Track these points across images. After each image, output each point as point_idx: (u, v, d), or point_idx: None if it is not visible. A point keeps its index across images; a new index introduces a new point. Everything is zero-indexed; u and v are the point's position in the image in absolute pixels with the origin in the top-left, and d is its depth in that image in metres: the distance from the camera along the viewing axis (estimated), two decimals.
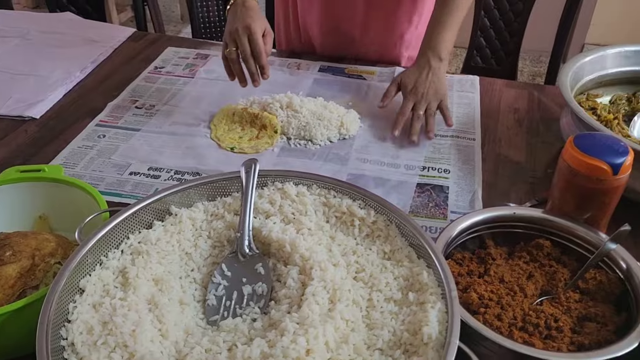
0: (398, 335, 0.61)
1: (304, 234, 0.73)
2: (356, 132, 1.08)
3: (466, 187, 0.96)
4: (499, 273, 0.73)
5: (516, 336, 0.64)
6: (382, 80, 1.25)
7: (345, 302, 0.64)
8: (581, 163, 0.73)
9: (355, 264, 0.70)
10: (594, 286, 0.71)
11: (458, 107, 1.17)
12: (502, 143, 1.08)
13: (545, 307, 0.69)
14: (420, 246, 0.70)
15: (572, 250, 0.76)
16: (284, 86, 1.20)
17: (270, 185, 0.79)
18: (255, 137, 1.06)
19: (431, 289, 0.64)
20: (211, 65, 1.30)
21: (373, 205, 0.75)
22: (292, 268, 0.69)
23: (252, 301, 0.68)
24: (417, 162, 1.01)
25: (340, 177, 0.97)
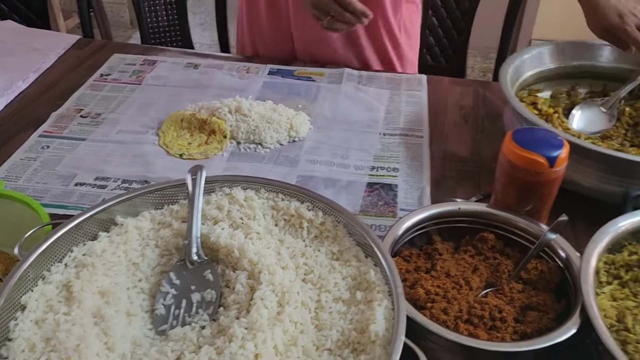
0: (346, 334, 0.62)
1: (253, 239, 0.73)
2: (306, 134, 1.09)
3: (414, 185, 0.98)
4: (445, 268, 0.75)
5: (462, 329, 0.66)
6: (332, 81, 1.26)
7: (294, 304, 0.65)
8: (519, 157, 0.75)
9: (304, 266, 0.71)
10: (535, 276, 0.73)
11: (406, 106, 1.18)
12: (449, 140, 1.10)
13: (490, 299, 0.71)
14: (367, 245, 0.71)
15: (515, 242, 0.79)
16: (233, 90, 1.19)
17: (218, 191, 0.79)
18: (205, 142, 1.05)
19: (378, 287, 0.65)
20: (159, 71, 1.29)
21: (321, 206, 0.76)
22: (241, 273, 0.69)
23: (201, 309, 0.68)
24: (366, 162, 1.03)
25: (290, 180, 0.97)
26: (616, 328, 0.65)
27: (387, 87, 1.24)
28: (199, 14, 3.63)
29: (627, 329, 0.65)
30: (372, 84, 1.25)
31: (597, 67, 1.13)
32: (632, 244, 0.77)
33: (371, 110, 1.16)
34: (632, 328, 0.65)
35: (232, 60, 1.35)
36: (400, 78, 1.28)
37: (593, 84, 1.15)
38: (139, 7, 1.86)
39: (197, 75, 1.27)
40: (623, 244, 0.77)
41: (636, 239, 0.77)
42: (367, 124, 1.12)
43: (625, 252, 0.76)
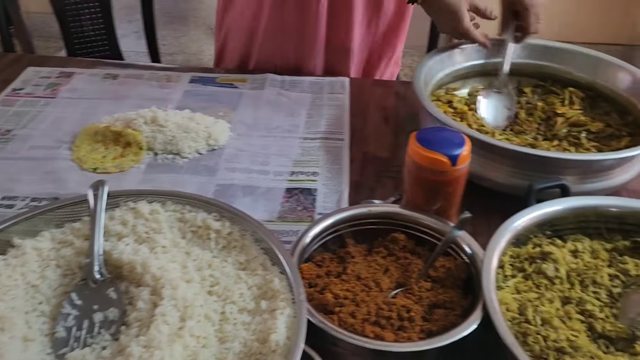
0: (249, 345, 0.61)
1: (158, 253, 0.71)
2: (226, 141, 1.08)
3: (334, 188, 0.98)
4: (356, 270, 0.75)
5: (368, 331, 0.66)
6: (254, 87, 1.25)
7: (197, 318, 0.63)
8: (423, 157, 0.76)
9: (210, 278, 0.69)
10: (443, 273, 0.74)
11: (328, 109, 1.19)
12: (370, 141, 1.11)
13: (399, 299, 0.71)
14: (273, 253, 0.70)
15: (426, 241, 0.79)
16: (152, 100, 1.16)
17: (123, 206, 0.77)
18: (120, 155, 1.03)
19: (282, 295, 0.65)
20: (75, 83, 1.25)
21: (228, 216, 0.75)
22: (144, 289, 0.67)
23: (103, 328, 0.66)
24: (285, 167, 1.02)
25: (208, 189, 0.96)
26: (518, 321, 0.67)
27: (309, 91, 1.24)
28: (135, 21, 3.54)
29: (527, 321, 0.67)
30: (294, 89, 1.25)
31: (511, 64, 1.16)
32: (537, 237, 0.79)
33: (292, 115, 1.16)
34: (532, 320, 0.67)
35: (154, 70, 1.32)
36: (323, 81, 1.28)
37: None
38: (62, 17, 1.81)
39: (115, 87, 1.24)
40: (529, 237, 0.79)
41: (541, 231, 0.79)
42: (288, 129, 1.12)
43: (530, 244, 0.78)
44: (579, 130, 1.05)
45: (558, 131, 1.05)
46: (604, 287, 0.72)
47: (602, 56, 1.12)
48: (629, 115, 1.06)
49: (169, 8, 4.04)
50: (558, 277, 0.73)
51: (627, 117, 1.06)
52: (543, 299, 0.70)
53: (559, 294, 0.71)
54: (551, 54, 1.15)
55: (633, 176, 0.94)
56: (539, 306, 0.68)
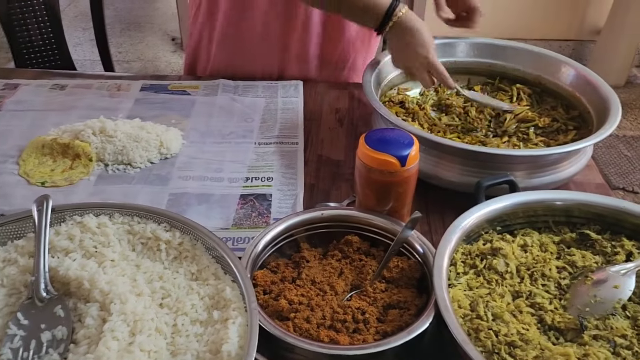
0: (202, 357, 0.60)
1: (106, 267, 0.69)
2: (179, 149, 1.06)
3: (289, 192, 0.97)
4: (311, 275, 0.74)
5: (323, 336, 0.66)
6: (207, 94, 1.23)
7: (148, 332, 0.62)
8: (372, 159, 0.76)
9: (161, 290, 0.68)
10: (397, 273, 0.75)
11: (282, 113, 1.18)
12: (324, 144, 1.11)
13: (354, 302, 0.71)
14: (225, 261, 0.69)
15: (380, 242, 0.80)
16: (102, 110, 1.14)
17: (69, 220, 0.75)
18: (69, 167, 1.00)
19: (234, 304, 0.64)
20: (21, 95, 1.21)
21: (178, 226, 0.74)
22: (92, 305, 0.65)
23: (51, 348, 0.64)
24: (240, 173, 1.01)
25: (161, 199, 0.95)
26: (469, 317, 0.68)
27: (263, 95, 1.24)
28: (89, 29, 3.47)
29: (479, 317, 0.67)
30: (247, 94, 1.24)
31: (459, 63, 1.18)
32: (488, 232, 0.80)
33: (246, 120, 1.15)
34: (484, 315, 0.68)
35: (103, 79, 1.30)
36: (277, 85, 1.27)
37: (458, 79, 1.19)
38: (9, 27, 1.75)
39: (63, 97, 1.20)
40: (480, 233, 0.80)
41: (492, 227, 0.80)
42: (242, 134, 1.11)
43: (481, 241, 0.79)
44: (527, 126, 1.07)
45: (507, 127, 1.07)
46: (552, 279, 0.74)
47: (547, 52, 1.15)
48: (574, 109, 1.09)
49: (124, 16, 3.98)
50: (508, 272, 0.74)
51: (572, 111, 1.09)
52: (494, 294, 0.71)
53: (510, 288, 0.72)
54: (499, 52, 1.17)
55: (579, 169, 0.97)
56: (490, 301, 0.70)
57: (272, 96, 1.24)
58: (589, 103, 1.05)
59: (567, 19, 3.36)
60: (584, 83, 1.07)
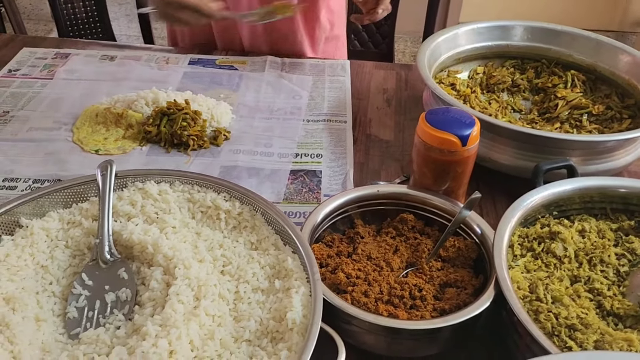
0: (265, 324, 0.61)
1: (168, 233, 0.71)
2: (228, 123, 1.07)
3: (338, 170, 0.98)
4: (367, 251, 0.75)
5: (382, 310, 0.66)
6: (254, 69, 1.24)
7: (211, 297, 0.63)
8: (433, 138, 0.76)
9: (222, 258, 0.69)
10: (453, 253, 0.75)
11: (330, 92, 1.18)
12: (372, 123, 1.10)
13: (410, 279, 0.71)
14: (285, 232, 0.70)
15: (434, 221, 0.80)
16: (152, 82, 1.15)
17: (131, 186, 0.76)
18: (122, 137, 1.01)
19: (296, 274, 0.65)
20: (72, 64, 1.23)
21: (238, 196, 0.75)
22: (156, 269, 0.66)
23: (116, 309, 0.65)
24: (290, 149, 1.02)
25: (212, 170, 0.95)
26: (529, 299, 0.68)
27: (310, 73, 1.24)
28: (125, 4, 3.51)
29: (539, 299, 0.67)
30: (295, 71, 1.24)
31: (511, 47, 1.16)
32: (544, 217, 0.79)
33: (294, 97, 1.15)
34: (543, 298, 0.67)
35: (152, 51, 1.31)
36: (324, 64, 1.27)
37: (510, 64, 1.18)
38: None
39: (113, 68, 1.22)
40: (536, 217, 0.79)
41: (548, 212, 0.80)
42: (290, 111, 1.11)
43: (538, 224, 0.78)
44: (580, 112, 1.05)
45: (559, 113, 1.05)
46: (611, 265, 0.73)
47: (603, 39, 1.12)
48: (629, 97, 1.07)
49: None
50: (567, 256, 0.73)
51: (627, 99, 1.07)
52: (553, 278, 0.71)
53: (568, 272, 0.72)
54: (554, 37, 1.15)
55: (635, 158, 0.95)
56: (549, 284, 0.69)
57: (319, 74, 1.23)
58: None
59: (609, 9, 3.28)
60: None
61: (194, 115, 1.01)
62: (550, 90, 1.11)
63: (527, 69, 1.16)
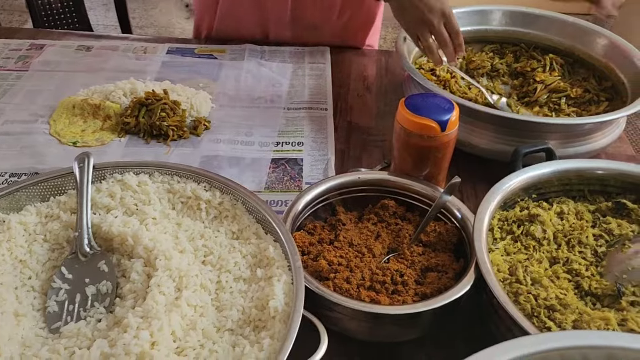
0: (247, 312, 0.61)
1: (148, 224, 0.70)
2: (208, 113, 1.06)
3: (319, 157, 0.97)
4: (348, 237, 0.75)
5: (364, 296, 0.66)
6: (234, 58, 1.23)
7: (193, 288, 0.63)
8: (412, 123, 0.76)
9: (204, 248, 0.69)
10: (434, 238, 0.75)
11: (310, 79, 1.18)
12: (353, 111, 1.10)
13: (392, 264, 0.72)
14: (266, 221, 0.70)
15: (415, 206, 0.80)
16: (129, 72, 1.14)
17: (109, 178, 0.75)
18: (100, 128, 1.00)
19: (277, 262, 0.65)
20: (47, 55, 1.21)
21: (218, 186, 0.74)
22: (136, 261, 0.66)
23: (96, 301, 0.65)
24: (270, 138, 1.01)
25: (193, 161, 0.95)
26: (509, 281, 0.68)
27: (291, 60, 1.23)
28: None
29: (518, 281, 0.68)
30: (275, 59, 1.23)
31: (490, 32, 1.16)
32: (523, 200, 0.80)
33: (274, 85, 1.15)
34: (523, 280, 0.68)
35: (129, 41, 1.29)
36: (304, 51, 1.26)
37: (489, 48, 1.18)
38: None
39: (89, 59, 1.20)
40: (516, 201, 0.80)
41: (527, 195, 0.80)
42: (271, 99, 1.11)
43: (517, 208, 0.79)
44: (558, 96, 1.06)
45: (538, 97, 1.06)
46: (589, 246, 0.74)
47: (580, 22, 1.13)
48: (606, 80, 1.08)
49: None
50: (546, 238, 0.74)
51: (604, 82, 1.08)
52: (532, 260, 0.71)
53: (547, 254, 0.73)
54: (532, 21, 1.15)
55: (612, 140, 0.96)
56: (529, 267, 0.70)
57: (300, 62, 1.23)
58: (623, 74, 1.03)
59: None
60: (618, 54, 1.05)
61: (172, 105, 1.00)
62: (529, 74, 1.11)
63: (506, 53, 1.17)
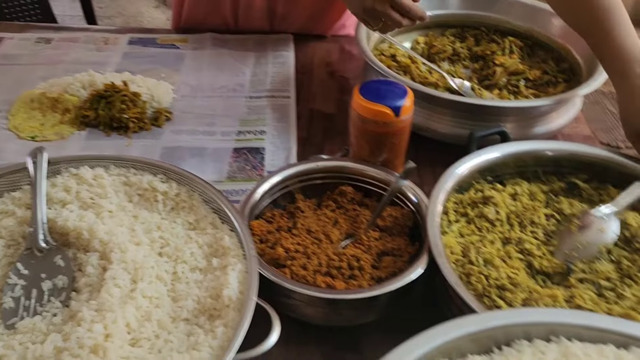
0: (202, 302, 0.62)
1: (104, 218, 0.70)
2: (169, 103, 1.05)
3: (282, 146, 0.98)
4: (306, 224, 0.76)
5: (319, 282, 0.67)
6: (196, 47, 1.22)
7: (148, 279, 0.63)
8: (366, 110, 0.77)
9: (160, 240, 0.69)
10: (390, 222, 0.76)
11: (273, 67, 1.18)
12: (316, 98, 1.11)
13: (349, 250, 0.73)
14: (222, 211, 0.70)
15: (373, 192, 0.81)
16: (90, 65, 1.12)
17: (64, 172, 0.75)
18: (59, 122, 0.99)
19: (233, 251, 0.65)
20: (5, 49, 1.19)
21: (175, 177, 0.75)
22: (92, 254, 0.66)
23: (53, 296, 0.65)
24: (232, 127, 1.01)
25: (154, 152, 0.95)
26: (461, 262, 0.70)
27: (254, 49, 1.23)
28: None
29: (471, 262, 0.70)
30: (238, 47, 1.23)
31: (451, 15, 1.17)
32: (478, 182, 0.82)
33: (237, 74, 1.14)
34: (475, 261, 0.70)
35: (90, 32, 1.27)
36: (267, 39, 1.26)
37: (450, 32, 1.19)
38: None
39: (49, 51, 1.18)
40: (471, 183, 0.81)
41: (482, 177, 0.82)
42: (233, 88, 1.11)
43: (472, 190, 0.80)
44: (517, 78, 1.08)
45: (498, 80, 1.07)
46: (541, 226, 0.76)
47: (538, 4, 1.14)
48: (564, 62, 1.10)
49: None
50: (499, 219, 0.76)
51: (562, 64, 1.10)
52: (485, 241, 0.73)
53: (500, 235, 0.74)
54: (492, 4, 1.16)
55: (567, 121, 0.98)
56: (481, 248, 0.72)
57: (263, 50, 1.22)
58: (579, 55, 1.05)
59: None
60: (574, 35, 1.06)
61: (132, 96, 1.00)
62: (489, 57, 1.13)
63: (467, 37, 1.18)
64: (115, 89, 0.99)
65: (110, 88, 0.99)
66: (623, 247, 0.73)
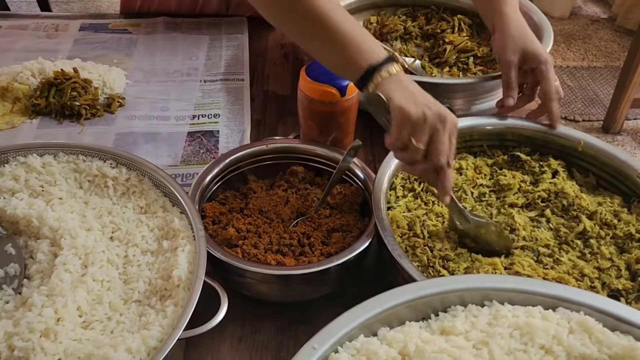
0: (154, 283, 0.63)
1: (54, 205, 0.70)
2: (122, 89, 1.05)
3: (236, 128, 0.99)
4: (258, 205, 0.77)
5: (270, 259, 0.69)
6: (149, 32, 1.21)
7: (99, 264, 0.64)
8: (313, 90, 0.78)
9: (111, 224, 0.70)
10: (340, 199, 0.78)
11: (227, 50, 1.18)
12: (270, 80, 1.11)
13: (299, 228, 0.75)
14: (172, 195, 0.71)
15: (324, 171, 0.83)
16: (40, 52, 1.11)
17: (12, 161, 0.75)
18: (10, 111, 0.98)
19: (182, 233, 0.67)
20: None
21: (124, 162, 0.75)
22: (43, 241, 0.67)
23: (5, 284, 0.65)
24: (186, 111, 1.02)
25: (107, 139, 0.95)
26: (407, 235, 0.72)
27: (208, 32, 1.22)
28: None
29: (416, 235, 0.72)
30: (191, 31, 1.22)
31: None
32: None
33: (190, 58, 1.14)
34: (420, 233, 0.72)
35: (40, 19, 1.25)
36: (221, 22, 1.26)
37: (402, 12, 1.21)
38: None
39: None
40: None
41: None
42: (187, 72, 1.11)
43: None
44: (467, 55, 1.10)
45: (448, 58, 1.10)
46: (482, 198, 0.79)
47: None
48: None
49: None
50: None
51: None
52: (431, 214, 0.76)
53: (445, 208, 0.77)
54: None
55: None
56: (427, 221, 0.74)
57: (217, 33, 1.22)
58: None
59: None
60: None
61: (83, 83, 0.99)
62: (440, 35, 1.15)
63: (418, 16, 1.20)
64: (65, 77, 0.98)
65: (60, 75, 0.99)
66: (561, 215, 0.77)
